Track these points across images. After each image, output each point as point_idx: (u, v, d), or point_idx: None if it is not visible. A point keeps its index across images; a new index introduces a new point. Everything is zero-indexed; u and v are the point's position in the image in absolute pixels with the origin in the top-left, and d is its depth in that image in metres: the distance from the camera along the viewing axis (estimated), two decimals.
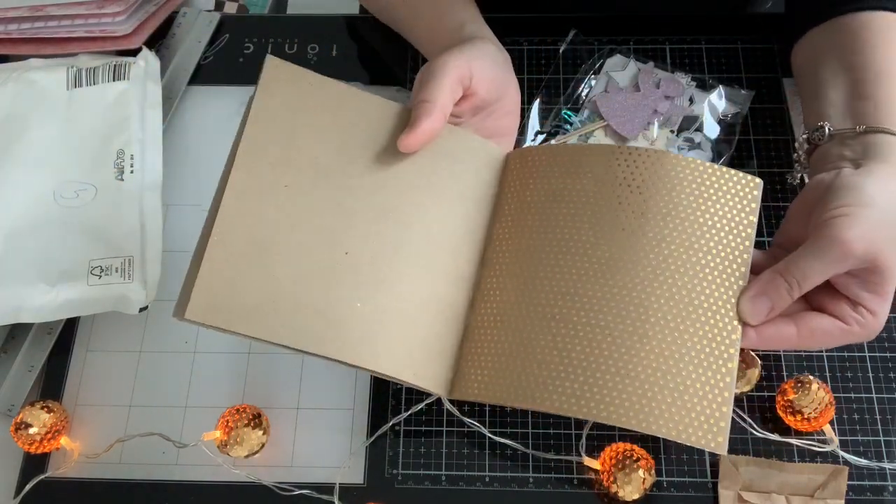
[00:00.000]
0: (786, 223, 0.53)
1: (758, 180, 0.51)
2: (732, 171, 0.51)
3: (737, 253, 0.50)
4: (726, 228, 0.50)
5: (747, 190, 0.51)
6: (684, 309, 0.48)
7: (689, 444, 0.46)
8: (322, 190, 0.50)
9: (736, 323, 0.48)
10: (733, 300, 0.49)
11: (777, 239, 0.54)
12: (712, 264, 0.49)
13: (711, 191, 0.50)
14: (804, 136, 0.56)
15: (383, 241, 0.50)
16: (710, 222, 0.50)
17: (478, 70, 0.54)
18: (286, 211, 0.49)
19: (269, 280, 0.47)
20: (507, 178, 0.55)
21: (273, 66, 0.51)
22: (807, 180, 0.59)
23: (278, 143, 0.50)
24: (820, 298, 0.49)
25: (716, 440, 0.46)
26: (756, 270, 0.50)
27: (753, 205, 0.51)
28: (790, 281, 0.48)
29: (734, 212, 0.50)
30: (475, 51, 0.55)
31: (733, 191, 0.51)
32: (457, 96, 0.53)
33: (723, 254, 0.49)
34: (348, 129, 0.52)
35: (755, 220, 0.50)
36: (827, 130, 0.54)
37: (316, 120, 0.51)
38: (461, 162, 0.54)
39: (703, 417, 0.46)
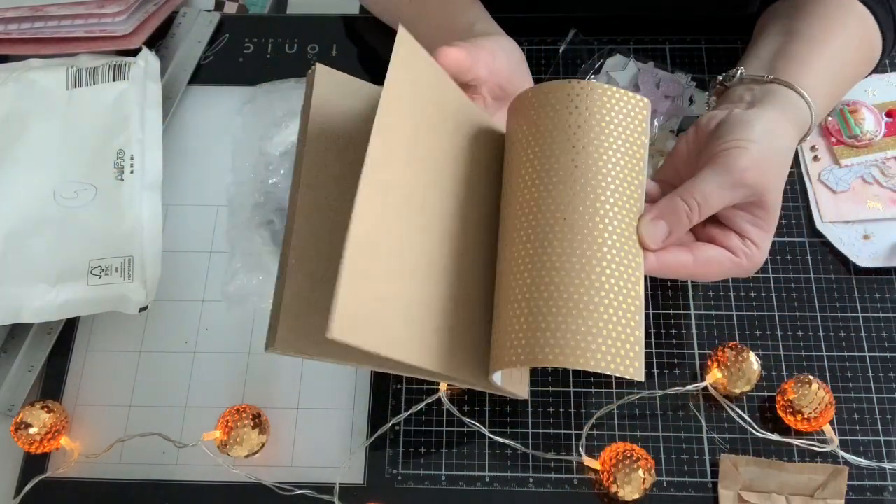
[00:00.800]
0: (672, 157, 0.54)
1: (645, 100, 0.50)
2: (624, 92, 0.49)
3: (633, 175, 0.48)
4: (628, 153, 0.48)
5: (637, 110, 0.49)
6: (592, 239, 0.46)
7: (606, 373, 0.44)
8: (433, 204, 0.46)
9: (637, 248, 0.47)
10: (634, 224, 0.47)
11: (661, 174, 0.55)
12: (619, 190, 0.47)
13: (614, 114, 0.49)
14: (720, 78, 0.58)
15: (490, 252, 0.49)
16: (614, 146, 0.48)
17: (499, 60, 0.54)
18: (409, 218, 0.44)
19: (401, 297, 0.42)
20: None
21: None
22: None
23: (399, 147, 0.45)
24: (709, 232, 0.51)
25: (633, 366, 0.44)
26: (650, 199, 0.50)
27: (644, 124, 0.50)
28: (690, 204, 0.49)
29: (633, 135, 0.49)
30: (496, 42, 0.56)
31: (631, 114, 0.49)
32: (480, 75, 0.53)
33: (625, 178, 0.48)
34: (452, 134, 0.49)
35: (647, 140, 0.49)
36: (739, 73, 0.56)
37: (428, 120, 0.48)
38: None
39: (618, 345, 0.44)
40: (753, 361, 0.55)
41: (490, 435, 0.55)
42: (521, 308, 0.45)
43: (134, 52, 0.69)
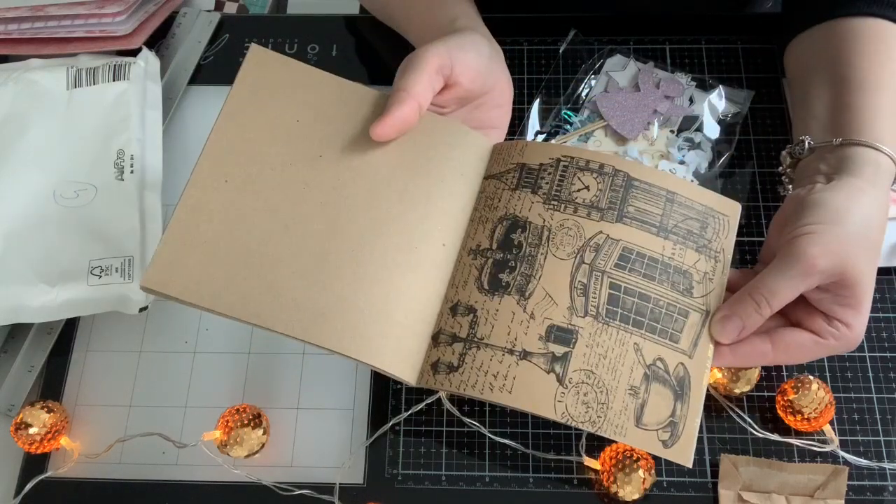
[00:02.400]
0: (767, 239, 0.53)
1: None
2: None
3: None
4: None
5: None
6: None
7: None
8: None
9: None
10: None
11: (760, 256, 0.54)
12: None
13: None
14: (786, 151, 0.56)
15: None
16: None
17: (460, 60, 0.53)
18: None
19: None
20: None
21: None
22: None
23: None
24: (797, 314, 0.50)
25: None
26: (734, 288, 0.50)
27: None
28: (758, 300, 0.48)
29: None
30: (459, 41, 0.54)
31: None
32: (437, 86, 0.53)
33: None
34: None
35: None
36: (807, 144, 0.54)
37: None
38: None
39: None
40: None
41: (490, 435, 0.55)
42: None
43: (134, 52, 0.69)
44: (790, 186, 0.57)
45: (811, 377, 0.54)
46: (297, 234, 0.49)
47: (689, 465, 0.46)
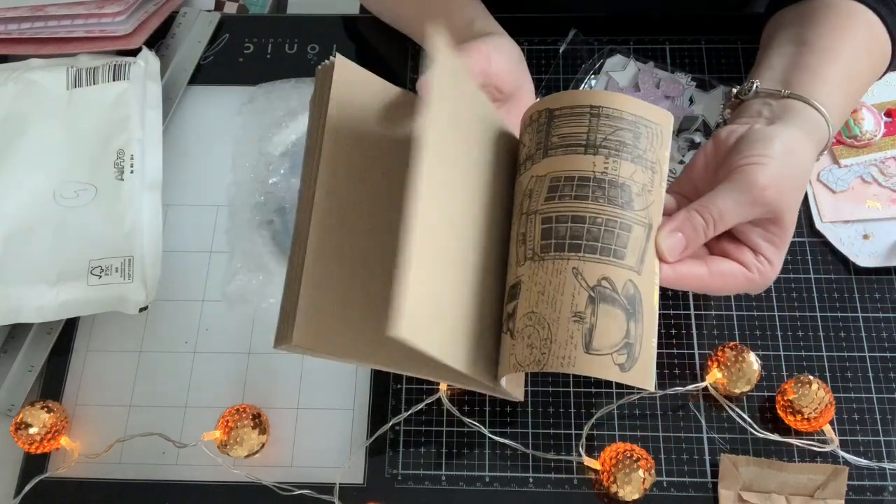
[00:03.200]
0: (689, 170, 0.54)
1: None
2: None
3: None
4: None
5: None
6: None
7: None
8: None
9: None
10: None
11: (678, 187, 0.54)
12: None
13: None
14: (734, 90, 0.57)
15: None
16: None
17: (495, 60, 0.54)
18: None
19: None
20: None
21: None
22: None
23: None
24: (723, 246, 0.51)
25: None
26: (667, 212, 0.49)
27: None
28: (706, 219, 0.48)
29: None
30: (493, 42, 0.55)
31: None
32: (477, 81, 0.53)
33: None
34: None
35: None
36: (755, 87, 0.56)
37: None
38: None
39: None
40: (753, 361, 0.55)
41: (490, 435, 0.55)
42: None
43: (134, 52, 0.69)
44: (725, 123, 0.58)
45: (811, 377, 0.54)
46: (459, 263, 0.45)
47: (651, 388, 0.43)
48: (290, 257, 0.45)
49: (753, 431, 0.55)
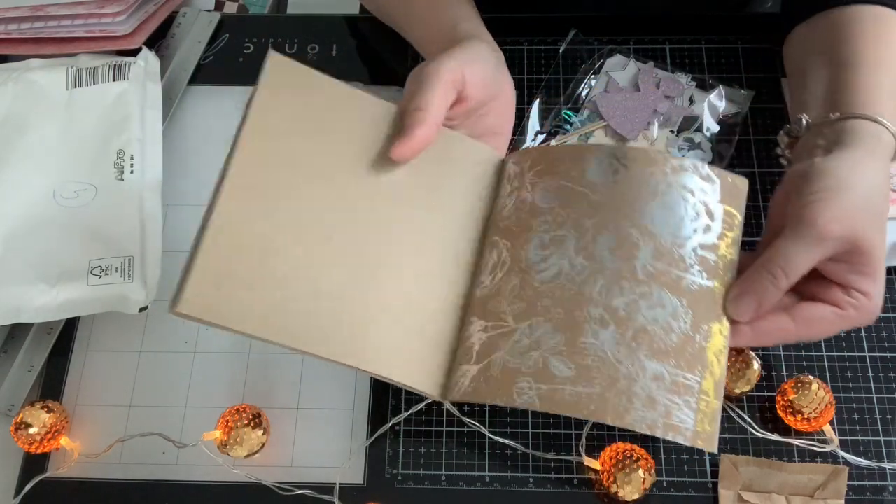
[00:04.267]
0: (767, 221, 0.53)
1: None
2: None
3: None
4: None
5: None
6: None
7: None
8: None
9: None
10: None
11: (762, 240, 0.53)
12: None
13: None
14: (783, 131, 0.56)
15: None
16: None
17: (470, 74, 0.53)
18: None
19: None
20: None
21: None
22: None
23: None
24: (812, 289, 0.49)
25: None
26: (743, 270, 0.49)
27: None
28: (774, 272, 0.47)
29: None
30: (468, 54, 0.54)
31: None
32: (450, 102, 0.52)
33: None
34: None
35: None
36: (804, 122, 0.54)
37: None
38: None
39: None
40: (753, 361, 0.55)
41: (490, 435, 0.55)
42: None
43: (134, 52, 0.69)
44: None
45: (811, 377, 0.54)
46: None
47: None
48: (197, 231, 0.47)
49: (753, 431, 0.55)
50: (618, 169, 0.51)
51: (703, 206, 0.51)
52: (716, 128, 0.65)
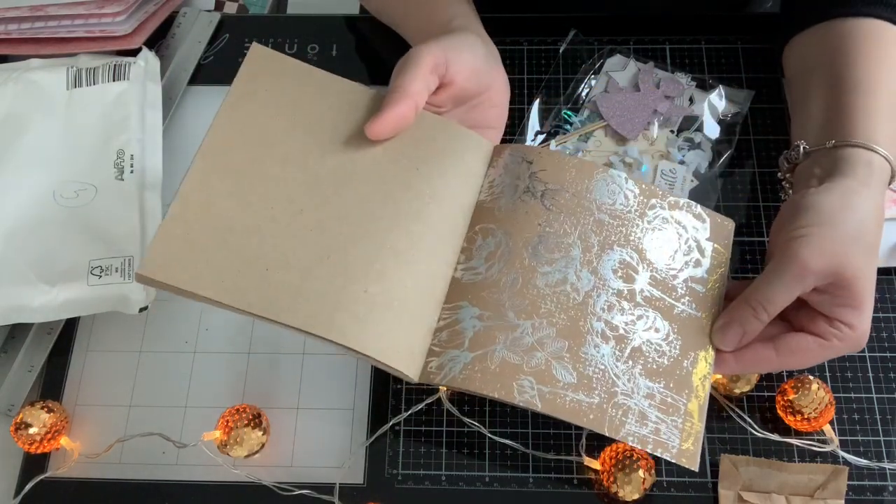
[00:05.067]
0: (768, 247, 0.53)
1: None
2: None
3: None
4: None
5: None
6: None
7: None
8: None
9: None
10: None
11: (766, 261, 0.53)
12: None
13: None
14: (783, 157, 0.56)
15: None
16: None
17: (454, 59, 0.53)
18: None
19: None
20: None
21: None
22: None
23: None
24: (799, 319, 0.50)
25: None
26: (732, 298, 0.51)
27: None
28: (755, 306, 0.48)
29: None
30: (453, 41, 0.55)
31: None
32: (432, 85, 0.53)
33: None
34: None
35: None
36: (802, 149, 0.54)
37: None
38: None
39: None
40: None
41: (490, 435, 0.55)
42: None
43: (134, 52, 0.69)
44: (791, 191, 0.57)
45: (811, 377, 0.54)
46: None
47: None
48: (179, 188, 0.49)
49: (753, 431, 0.55)
50: (622, 195, 0.53)
51: (694, 242, 0.54)
52: (716, 128, 0.65)
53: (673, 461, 0.47)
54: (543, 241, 0.52)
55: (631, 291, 0.51)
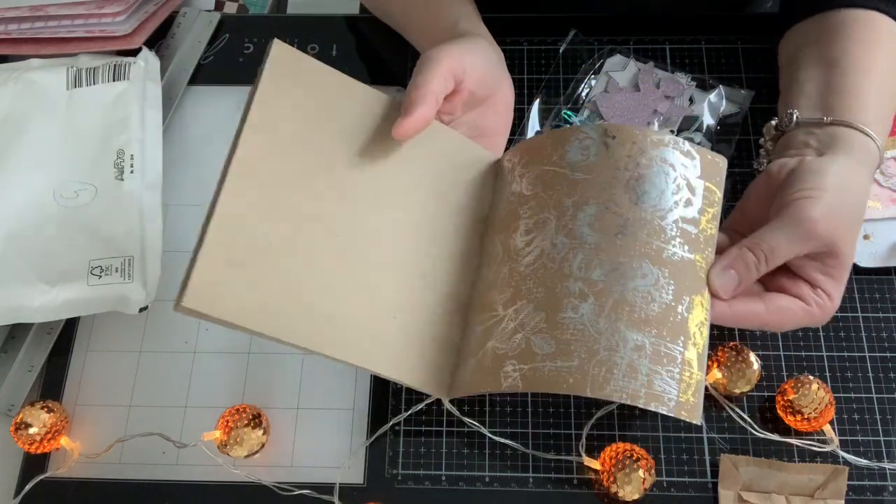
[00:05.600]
0: (744, 203, 0.54)
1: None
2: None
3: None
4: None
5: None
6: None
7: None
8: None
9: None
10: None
11: (731, 222, 0.54)
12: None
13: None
14: (773, 122, 0.57)
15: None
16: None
17: (469, 64, 0.54)
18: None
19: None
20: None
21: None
22: None
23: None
24: (779, 281, 0.50)
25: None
26: (719, 250, 0.50)
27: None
28: (758, 255, 0.48)
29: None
30: (468, 45, 0.55)
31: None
32: (449, 87, 0.53)
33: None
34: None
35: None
36: (795, 118, 0.55)
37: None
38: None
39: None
40: (753, 361, 0.55)
41: (490, 435, 0.55)
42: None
43: (134, 52, 0.69)
44: (765, 161, 0.58)
45: (811, 377, 0.54)
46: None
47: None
48: (201, 229, 0.46)
49: (753, 431, 0.55)
50: (598, 147, 0.51)
51: (683, 180, 0.50)
52: (716, 128, 0.65)
53: (671, 415, 0.44)
54: (524, 225, 0.52)
55: (609, 241, 0.48)
